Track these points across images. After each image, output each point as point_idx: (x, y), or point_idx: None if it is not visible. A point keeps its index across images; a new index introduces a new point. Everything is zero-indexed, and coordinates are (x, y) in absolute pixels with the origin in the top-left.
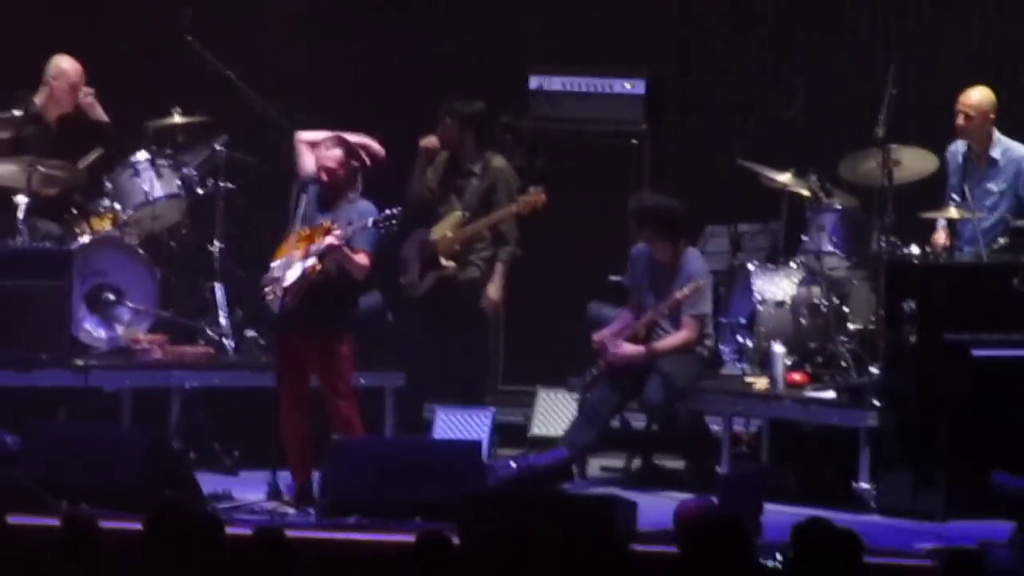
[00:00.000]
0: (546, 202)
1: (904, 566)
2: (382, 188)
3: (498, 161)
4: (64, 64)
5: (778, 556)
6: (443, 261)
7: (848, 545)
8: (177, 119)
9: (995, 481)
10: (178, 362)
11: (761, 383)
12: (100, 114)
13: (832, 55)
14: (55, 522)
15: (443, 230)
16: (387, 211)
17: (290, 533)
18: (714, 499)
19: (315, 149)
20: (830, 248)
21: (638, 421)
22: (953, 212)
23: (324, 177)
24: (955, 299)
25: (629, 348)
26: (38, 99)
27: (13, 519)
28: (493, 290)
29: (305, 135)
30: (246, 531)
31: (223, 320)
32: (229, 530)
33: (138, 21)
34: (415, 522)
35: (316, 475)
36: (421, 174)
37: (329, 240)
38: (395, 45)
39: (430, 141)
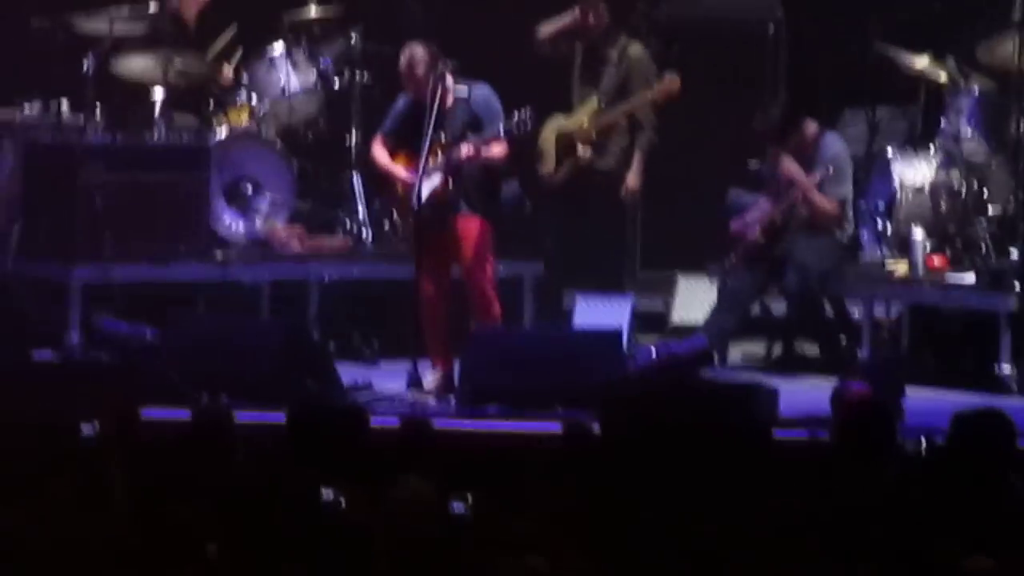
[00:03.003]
0: (680, 89)
1: None
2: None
3: (635, 49)
4: None
5: (922, 440)
6: (580, 149)
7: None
8: (313, 11)
9: None
10: (316, 254)
11: (901, 268)
12: None
13: None
14: (188, 415)
15: (580, 118)
16: (517, 115)
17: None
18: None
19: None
20: (969, 132)
21: (779, 307)
22: None
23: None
24: None
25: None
26: None
27: (149, 413)
28: (632, 178)
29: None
30: (389, 422)
31: (361, 211)
32: (372, 420)
33: None
34: (556, 411)
35: (456, 365)
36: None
37: (465, 152)
38: None
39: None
